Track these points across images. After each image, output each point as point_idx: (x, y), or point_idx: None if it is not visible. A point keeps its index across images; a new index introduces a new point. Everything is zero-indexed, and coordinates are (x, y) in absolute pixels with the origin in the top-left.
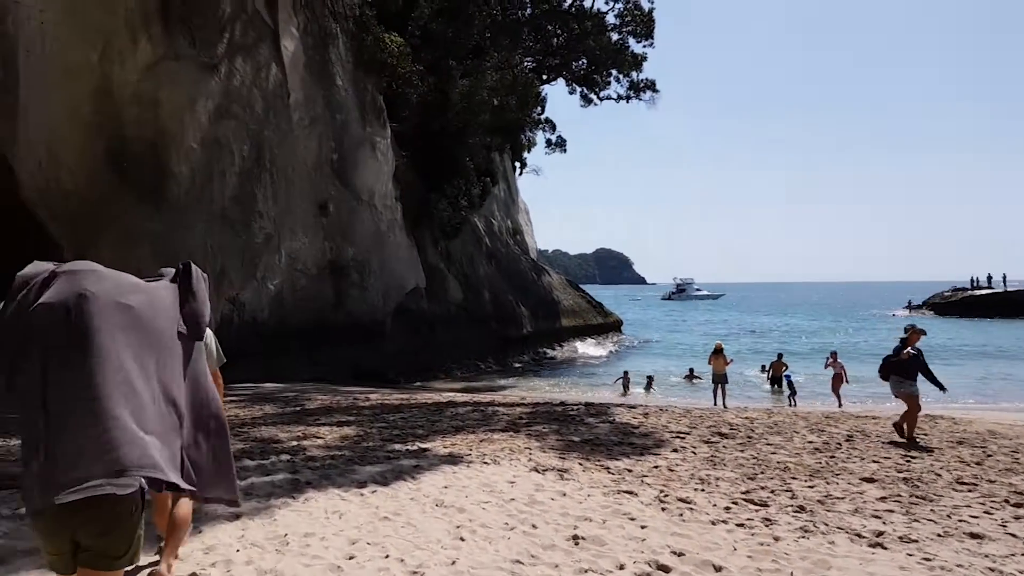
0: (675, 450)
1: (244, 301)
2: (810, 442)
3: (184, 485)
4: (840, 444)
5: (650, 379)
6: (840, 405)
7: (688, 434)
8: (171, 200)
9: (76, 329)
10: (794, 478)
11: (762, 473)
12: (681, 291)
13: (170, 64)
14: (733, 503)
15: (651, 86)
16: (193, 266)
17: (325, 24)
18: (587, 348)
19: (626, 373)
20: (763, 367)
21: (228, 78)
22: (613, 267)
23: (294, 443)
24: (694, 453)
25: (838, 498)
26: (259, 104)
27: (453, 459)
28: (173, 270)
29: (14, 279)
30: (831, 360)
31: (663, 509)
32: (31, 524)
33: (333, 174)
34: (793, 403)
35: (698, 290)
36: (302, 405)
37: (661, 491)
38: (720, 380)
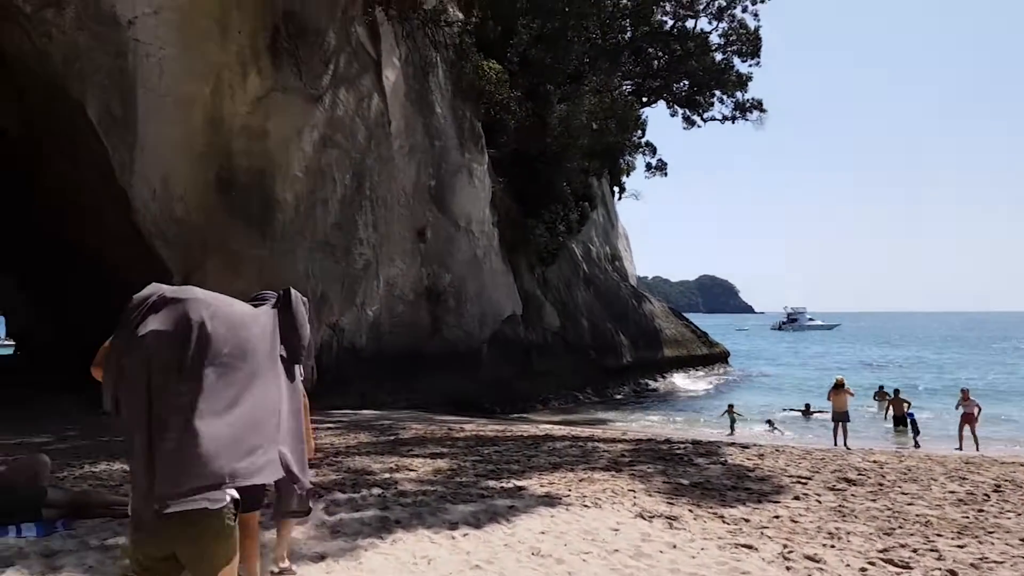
0: (797, 497)
1: (343, 327)
2: (952, 492)
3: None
4: (988, 495)
5: (770, 422)
6: (960, 447)
7: (810, 479)
8: (276, 227)
9: (180, 353)
10: (939, 535)
11: (900, 528)
12: (792, 321)
13: (277, 96)
14: (869, 563)
15: (758, 106)
16: (293, 291)
17: (426, 53)
18: (691, 380)
19: (731, 407)
20: (880, 388)
21: (332, 108)
22: (718, 295)
23: (386, 475)
24: (819, 502)
25: (996, 562)
26: (361, 133)
27: (551, 500)
28: (275, 294)
29: (130, 300)
30: (963, 398)
31: (788, 568)
32: (130, 536)
33: (431, 200)
34: (916, 444)
35: (811, 320)
36: (396, 434)
37: (784, 546)
38: (841, 418)
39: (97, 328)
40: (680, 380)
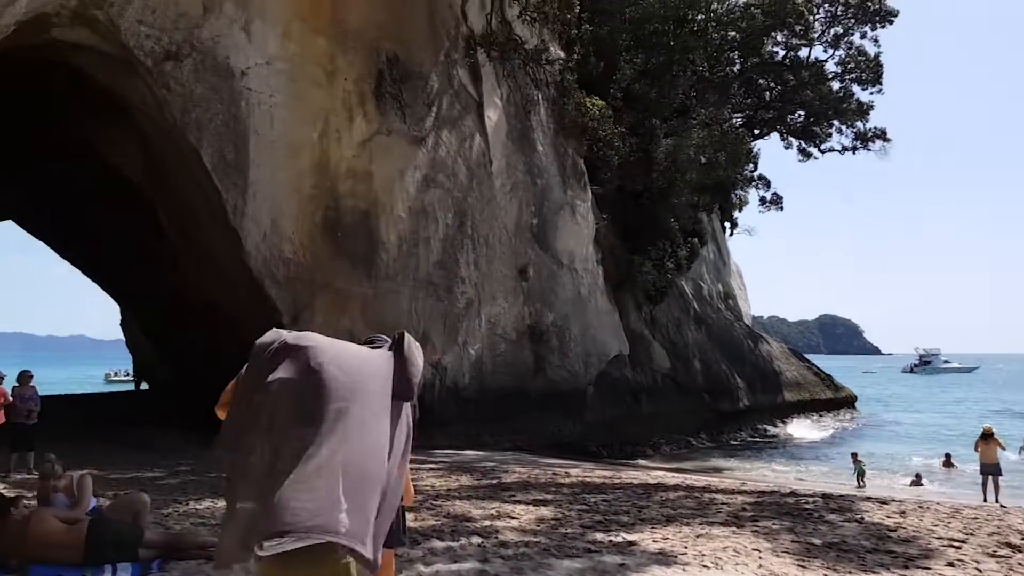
0: (951, 564)
1: (446, 366)
2: None
3: (370, 556)
4: None
5: (919, 477)
6: None
7: (964, 543)
8: (380, 266)
9: (300, 400)
10: None
11: None
12: (925, 363)
13: (382, 139)
14: None
15: (881, 135)
16: (407, 335)
17: (527, 92)
18: (815, 426)
19: (855, 456)
20: None
21: (434, 149)
22: (840, 335)
23: (487, 523)
24: (978, 570)
25: None
26: (463, 173)
27: (665, 558)
28: (386, 338)
29: (254, 345)
30: None
31: None
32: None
33: (533, 238)
34: None
35: (946, 362)
36: (499, 478)
37: None
38: (992, 471)
39: (209, 366)
40: (802, 426)
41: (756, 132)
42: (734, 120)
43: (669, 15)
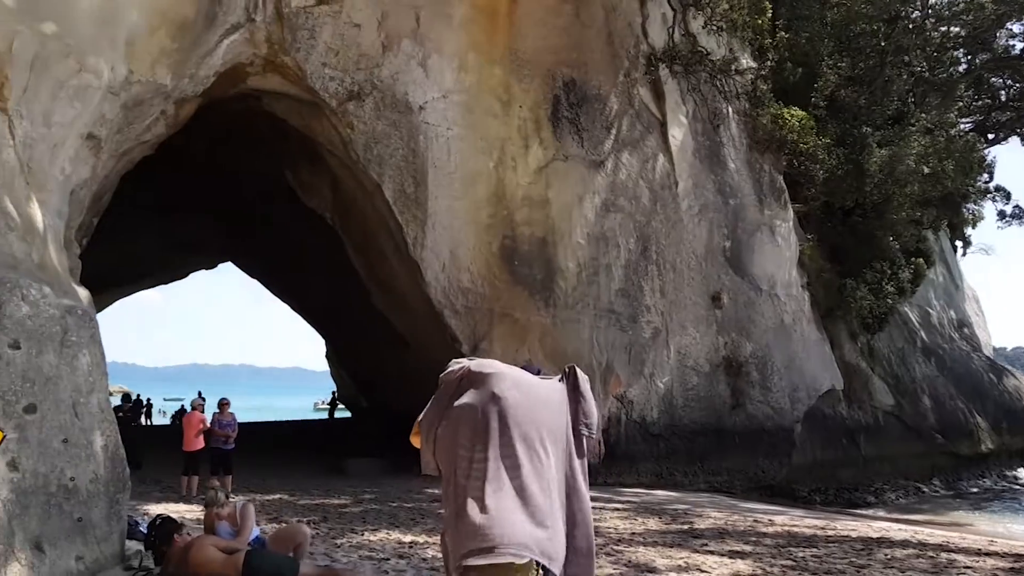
0: None
1: (632, 399)
2: None
3: (556, 571)
4: None
5: None
6: None
7: None
8: (559, 295)
9: (483, 424)
10: None
11: None
12: None
13: (559, 164)
14: None
15: None
16: (578, 370)
17: (715, 106)
18: None
19: None
20: None
21: (614, 173)
22: None
23: (672, 575)
24: None
25: None
26: (645, 196)
27: None
28: (536, 367)
29: (440, 378)
30: None
31: None
32: None
33: (726, 263)
34: None
35: None
36: (691, 523)
37: None
38: None
39: (398, 394)
40: None
41: (991, 137)
42: (962, 125)
43: (878, 15)
